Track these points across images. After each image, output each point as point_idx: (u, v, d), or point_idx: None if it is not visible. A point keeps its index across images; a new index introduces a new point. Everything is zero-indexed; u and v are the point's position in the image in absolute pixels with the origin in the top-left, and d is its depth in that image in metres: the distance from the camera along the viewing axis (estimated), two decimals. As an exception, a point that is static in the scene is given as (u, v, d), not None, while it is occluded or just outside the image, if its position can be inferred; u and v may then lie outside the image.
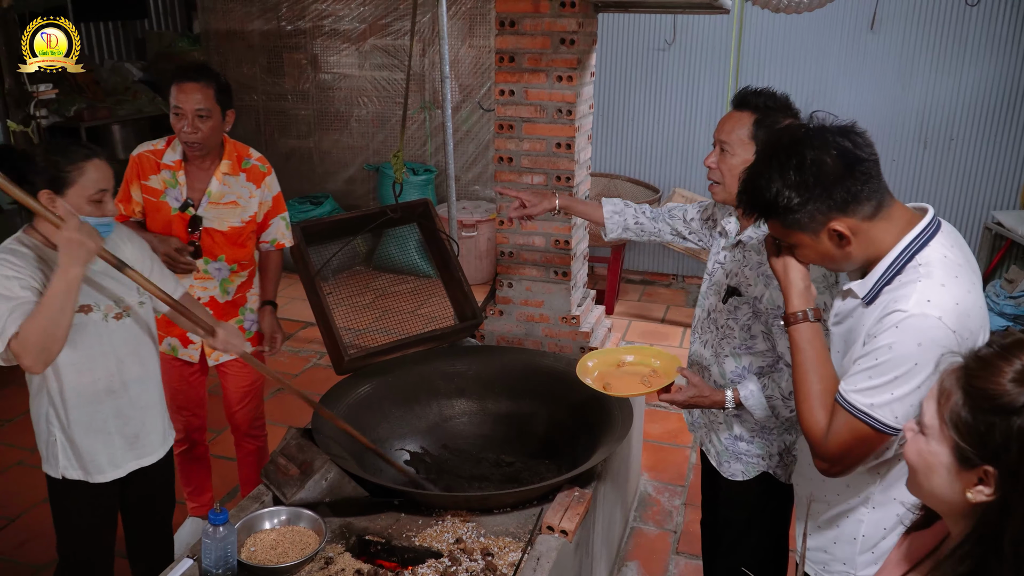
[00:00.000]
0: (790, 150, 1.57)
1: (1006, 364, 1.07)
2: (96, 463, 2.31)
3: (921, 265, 1.55)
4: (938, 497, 1.15)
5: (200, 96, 2.69)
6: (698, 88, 5.98)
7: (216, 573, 1.92)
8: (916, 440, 1.17)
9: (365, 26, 6.66)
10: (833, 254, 1.62)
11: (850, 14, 5.55)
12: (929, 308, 1.48)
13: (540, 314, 3.21)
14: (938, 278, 1.52)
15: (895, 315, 1.51)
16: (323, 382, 2.88)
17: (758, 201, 1.62)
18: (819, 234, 1.59)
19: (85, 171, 2.09)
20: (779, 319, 1.78)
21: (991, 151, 5.58)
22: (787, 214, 1.58)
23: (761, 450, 2.25)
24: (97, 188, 2.11)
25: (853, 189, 1.54)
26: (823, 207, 1.55)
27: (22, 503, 3.54)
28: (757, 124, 2.08)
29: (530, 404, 2.88)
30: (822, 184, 1.54)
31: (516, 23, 2.92)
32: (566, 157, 3.01)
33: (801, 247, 1.64)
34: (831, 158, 1.53)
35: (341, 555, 2.07)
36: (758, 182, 1.61)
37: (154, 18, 8.66)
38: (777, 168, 1.58)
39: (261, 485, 2.32)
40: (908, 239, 1.57)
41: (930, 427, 1.14)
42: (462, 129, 6.52)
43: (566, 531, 2.14)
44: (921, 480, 1.17)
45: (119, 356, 2.28)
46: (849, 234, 1.57)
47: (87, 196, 2.10)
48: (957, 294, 1.50)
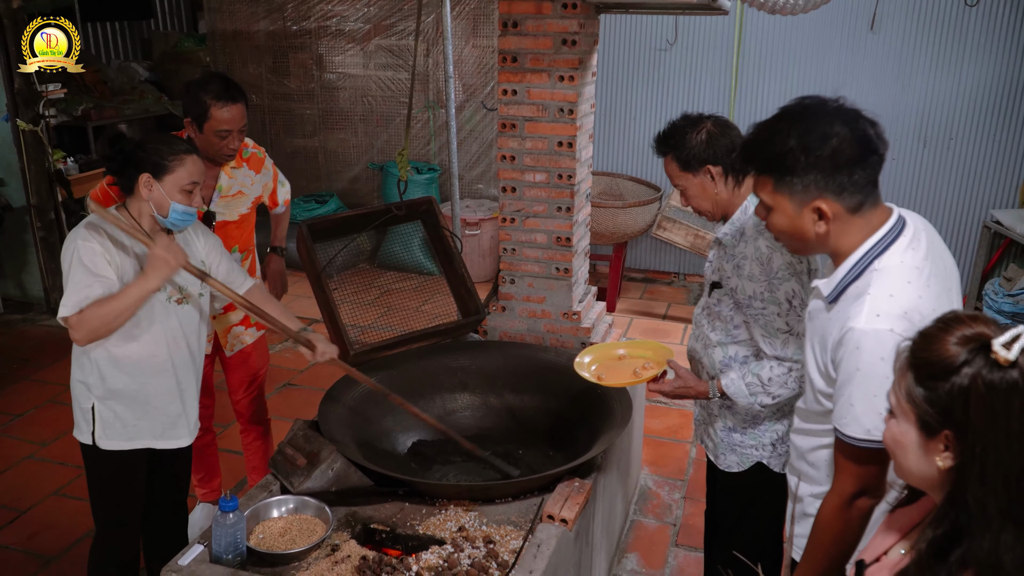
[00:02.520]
0: (819, 117, 1.59)
1: (946, 334, 1.14)
2: (129, 432, 2.42)
3: (876, 271, 1.58)
4: (916, 474, 1.21)
5: (242, 114, 2.78)
6: (700, 88, 6.03)
7: (226, 558, 1.98)
8: (888, 424, 1.23)
9: (370, 26, 6.72)
10: (805, 231, 1.64)
11: (850, 14, 5.59)
12: (879, 323, 1.52)
13: (542, 310, 3.26)
14: (887, 287, 1.55)
15: (849, 335, 1.55)
16: (328, 377, 2.93)
17: (765, 151, 1.63)
18: (803, 207, 1.62)
19: (184, 163, 2.29)
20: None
21: (990, 150, 5.61)
22: (785, 174, 1.61)
23: (754, 440, 2.32)
24: (190, 180, 2.29)
25: (854, 176, 1.57)
26: (821, 182, 1.58)
27: (33, 496, 3.60)
28: (676, 158, 2.24)
29: (532, 398, 2.93)
30: (832, 160, 1.56)
31: (519, 24, 2.97)
32: (568, 156, 3.06)
33: (778, 212, 1.66)
34: (851, 139, 1.56)
35: (347, 542, 2.12)
36: (774, 134, 1.62)
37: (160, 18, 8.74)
38: (799, 128, 1.59)
39: (269, 475, 2.38)
40: (870, 243, 1.61)
41: (895, 406, 1.21)
42: (465, 128, 6.57)
43: (566, 520, 2.19)
44: (900, 461, 1.23)
45: (175, 337, 2.42)
46: (830, 216, 1.59)
47: (180, 186, 2.28)
48: (905, 302, 1.53)
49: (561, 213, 3.12)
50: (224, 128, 2.75)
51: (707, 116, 2.27)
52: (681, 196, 2.33)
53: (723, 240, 2.27)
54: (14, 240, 5.70)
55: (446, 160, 6.24)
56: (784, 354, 2.14)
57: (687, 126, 2.24)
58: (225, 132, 2.76)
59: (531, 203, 3.15)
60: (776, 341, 2.14)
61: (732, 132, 2.24)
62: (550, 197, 3.13)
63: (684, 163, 2.24)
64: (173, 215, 2.29)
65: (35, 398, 4.50)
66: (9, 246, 5.74)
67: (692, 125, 2.24)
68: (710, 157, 2.20)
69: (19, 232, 5.67)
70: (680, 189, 2.30)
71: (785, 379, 2.15)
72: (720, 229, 2.30)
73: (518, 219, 3.19)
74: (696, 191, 2.27)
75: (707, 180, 2.23)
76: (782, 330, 2.13)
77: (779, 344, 2.14)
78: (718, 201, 2.26)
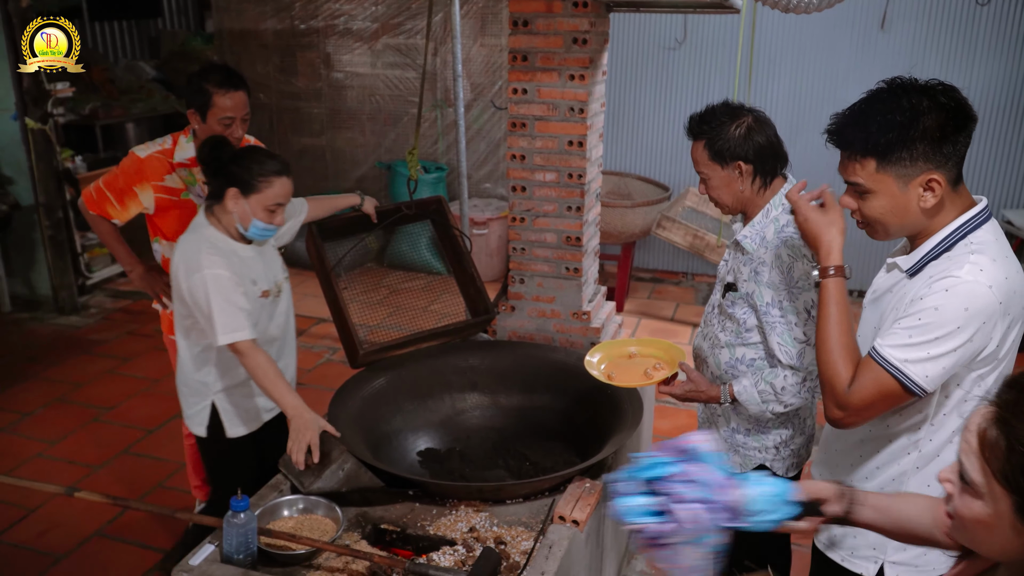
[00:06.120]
0: (914, 92, 1.60)
1: None
2: (250, 415, 2.65)
3: (973, 243, 1.60)
4: (1000, 551, 1.04)
5: (245, 101, 2.81)
6: (708, 87, 6.01)
7: (237, 558, 1.97)
8: (966, 501, 1.04)
9: (378, 25, 6.71)
10: (908, 209, 1.63)
11: (860, 13, 5.57)
12: (982, 276, 1.53)
13: (551, 310, 3.25)
14: (990, 254, 1.57)
15: (947, 280, 1.55)
16: (336, 377, 2.93)
17: (866, 132, 1.61)
18: (909, 183, 1.60)
19: (272, 185, 2.40)
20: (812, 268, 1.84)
21: (1001, 149, 5.58)
22: (891, 151, 1.58)
23: (758, 443, 2.30)
24: (275, 201, 2.41)
25: (958, 145, 1.58)
26: (929, 153, 1.57)
27: (41, 494, 3.60)
28: (709, 146, 2.17)
29: (541, 398, 2.92)
30: (941, 130, 1.56)
31: (529, 23, 2.96)
32: (578, 155, 3.05)
33: (880, 194, 1.63)
34: (952, 108, 1.57)
35: (358, 543, 2.12)
36: (872, 115, 1.61)
37: (167, 17, 8.76)
38: (899, 104, 1.58)
39: (279, 475, 2.37)
40: (964, 218, 1.62)
41: (979, 484, 1.01)
42: (473, 127, 6.56)
43: (577, 521, 2.18)
44: (981, 538, 1.05)
45: (280, 326, 2.66)
46: (941, 188, 1.59)
47: (265, 205, 2.40)
48: (1008, 270, 1.56)
49: (571, 213, 3.11)
50: (227, 115, 2.77)
51: (748, 109, 2.20)
52: (701, 183, 2.26)
53: (742, 243, 2.22)
54: (22, 238, 5.71)
55: (454, 159, 6.22)
56: (799, 364, 2.11)
57: (726, 115, 2.17)
58: (228, 120, 2.78)
59: (541, 202, 3.14)
60: (792, 350, 2.11)
61: (769, 130, 2.18)
62: (560, 196, 3.11)
63: (716, 153, 2.16)
64: (253, 230, 2.43)
65: (43, 396, 4.51)
66: (17, 244, 5.75)
67: (732, 116, 2.16)
68: (743, 154, 2.14)
69: (27, 230, 5.68)
70: (703, 177, 2.23)
71: (798, 389, 2.12)
72: (739, 231, 2.26)
73: (528, 218, 3.18)
74: (720, 183, 2.20)
75: (734, 175, 2.17)
76: (799, 339, 2.10)
77: (795, 353, 2.11)
78: (740, 198, 2.20)
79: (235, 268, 2.42)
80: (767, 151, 2.16)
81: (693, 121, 2.23)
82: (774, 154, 2.18)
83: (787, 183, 2.23)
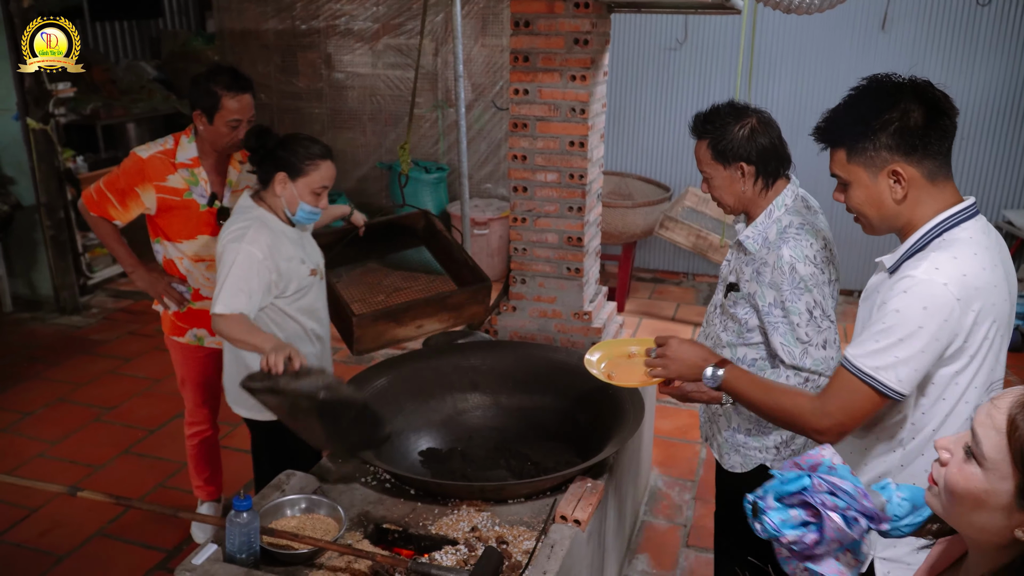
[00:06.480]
0: (885, 87, 1.66)
1: None
2: None
3: (945, 240, 1.61)
4: (978, 528, 1.05)
5: (251, 104, 2.83)
6: (709, 87, 6.01)
7: (240, 558, 1.97)
8: (969, 471, 1.04)
9: (379, 25, 6.72)
10: (882, 200, 1.67)
11: (861, 14, 5.57)
12: (936, 275, 1.55)
13: (553, 310, 3.25)
14: (952, 252, 1.58)
15: (904, 281, 1.58)
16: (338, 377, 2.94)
17: (835, 125, 1.69)
18: (878, 175, 1.65)
19: (319, 168, 2.48)
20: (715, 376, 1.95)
21: (1002, 150, 5.58)
22: (856, 142, 1.65)
23: (758, 443, 2.31)
24: (321, 184, 2.50)
25: (926, 138, 1.61)
26: (892, 144, 1.62)
27: (43, 493, 3.60)
28: (712, 146, 2.19)
29: (543, 398, 2.92)
30: (901, 122, 1.61)
31: (531, 23, 2.97)
32: (579, 155, 3.05)
33: (855, 184, 1.69)
34: (918, 103, 1.61)
35: (360, 542, 2.12)
36: (842, 109, 1.69)
37: (169, 17, 8.76)
38: (866, 98, 1.66)
39: (281, 475, 2.37)
40: (942, 216, 1.64)
41: (992, 460, 1.01)
42: (474, 128, 6.56)
43: (579, 521, 2.19)
44: (966, 511, 1.06)
45: (323, 306, 2.73)
46: (906, 179, 1.62)
47: (311, 188, 2.49)
48: (968, 268, 1.57)
49: (572, 213, 3.12)
50: (235, 118, 2.78)
51: (753, 110, 2.21)
52: (703, 183, 2.27)
53: (744, 244, 2.23)
54: (24, 239, 5.72)
55: (455, 160, 6.23)
56: (803, 364, 2.11)
57: (731, 115, 2.18)
58: (236, 122, 2.79)
59: (542, 203, 3.15)
60: (795, 351, 2.11)
61: (773, 132, 2.19)
62: (561, 197, 3.12)
63: (719, 153, 2.17)
64: (300, 213, 2.51)
65: (45, 396, 4.51)
66: (19, 245, 5.76)
67: (736, 116, 2.18)
68: (746, 155, 2.15)
69: (29, 231, 5.68)
70: (705, 176, 2.24)
71: (801, 389, 2.12)
72: (741, 231, 2.26)
73: (529, 219, 3.18)
74: (722, 183, 2.21)
75: (736, 175, 2.18)
76: (802, 340, 2.11)
77: (798, 354, 2.11)
78: (741, 198, 2.21)
79: (283, 248, 2.49)
80: (770, 153, 2.17)
81: (697, 120, 2.24)
82: (777, 156, 2.19)
83: (790, 184, 2.24)
